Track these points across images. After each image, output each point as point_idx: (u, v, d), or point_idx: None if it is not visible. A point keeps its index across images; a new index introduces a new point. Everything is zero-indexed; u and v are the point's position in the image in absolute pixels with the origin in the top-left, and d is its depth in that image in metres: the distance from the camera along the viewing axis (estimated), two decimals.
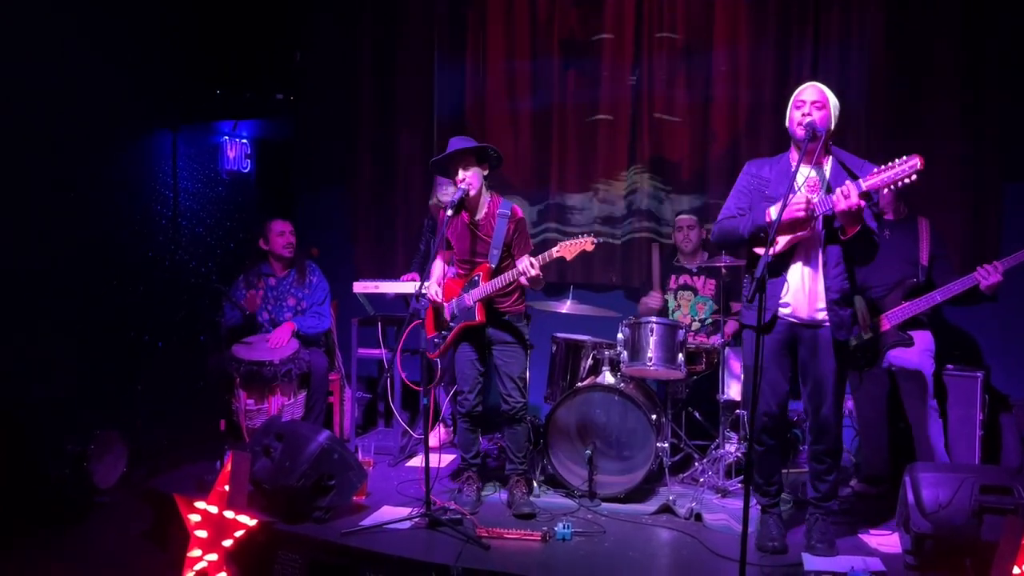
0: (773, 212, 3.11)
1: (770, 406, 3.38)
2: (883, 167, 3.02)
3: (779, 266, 3.29)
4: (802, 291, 3.29)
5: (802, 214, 3.12)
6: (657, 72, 5.34)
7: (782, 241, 3.23)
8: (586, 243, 3.72)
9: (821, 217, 3.18)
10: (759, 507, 3.53)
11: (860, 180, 3.06)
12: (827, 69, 5.01)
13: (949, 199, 4.75)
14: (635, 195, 5.40)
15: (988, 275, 3.78)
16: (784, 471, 3.82)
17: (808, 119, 3.20)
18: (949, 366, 4.25)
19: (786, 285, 3.29)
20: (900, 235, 4.13)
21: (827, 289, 3.26)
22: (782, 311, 3.32)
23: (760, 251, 3.13)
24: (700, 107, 5.31)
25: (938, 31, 4.77)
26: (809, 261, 3.29)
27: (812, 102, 3.23)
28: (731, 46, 5.22)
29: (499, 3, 5.66)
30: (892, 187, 3.02)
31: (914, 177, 2.96)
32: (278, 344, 4.62)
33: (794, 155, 3.35)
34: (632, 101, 5.40)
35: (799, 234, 3.21)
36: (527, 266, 3.72)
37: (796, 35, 5.09)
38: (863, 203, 3.04)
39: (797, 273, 3.30)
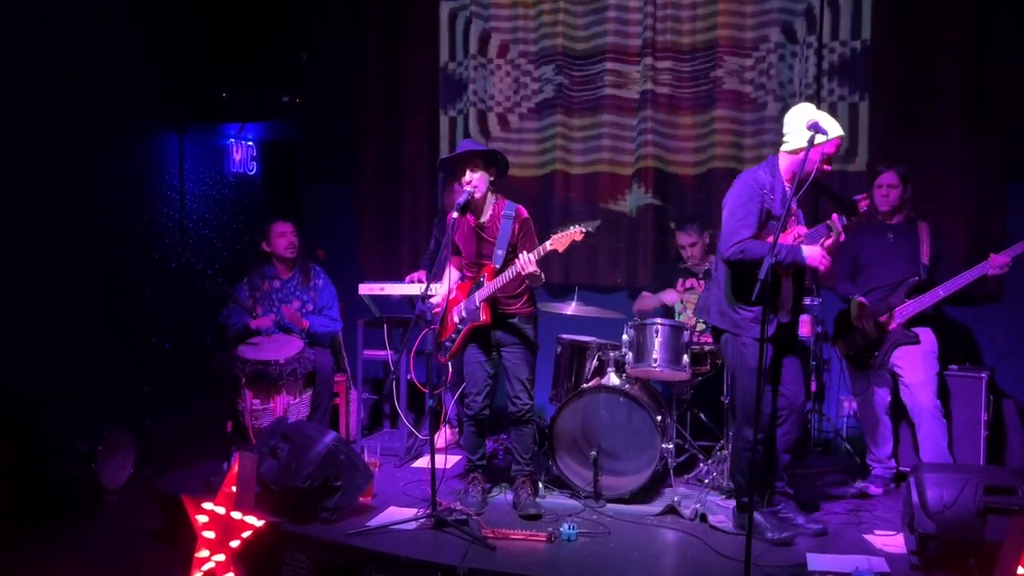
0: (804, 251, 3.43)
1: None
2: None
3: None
4: (789, 303, 3.57)
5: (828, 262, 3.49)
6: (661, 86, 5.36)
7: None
8: (575, 233, 3.68)
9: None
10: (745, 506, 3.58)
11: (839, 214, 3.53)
12: (831, 61, 5.02)
13: (952, 198, 4.75)
14: (640, 208, 5.41)
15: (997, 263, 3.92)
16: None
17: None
18: (952, 366, 4.27)
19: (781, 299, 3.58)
20: (901, 238, 4.19)
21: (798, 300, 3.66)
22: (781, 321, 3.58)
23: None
24: (703, 120, 5.33)
25: (945, 23, 4.77)
26: (793, 279, 3.60)
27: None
28: (735, 51, 5.22)
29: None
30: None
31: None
32: (292, 319, 4.78)
33: (787, 175, 3.53)
34: (636, 112, 5.41)
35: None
36: (524, 262, 3.71)
37: (800, 31, 5.10)
38: None
39: (788, 289, 3.59)
